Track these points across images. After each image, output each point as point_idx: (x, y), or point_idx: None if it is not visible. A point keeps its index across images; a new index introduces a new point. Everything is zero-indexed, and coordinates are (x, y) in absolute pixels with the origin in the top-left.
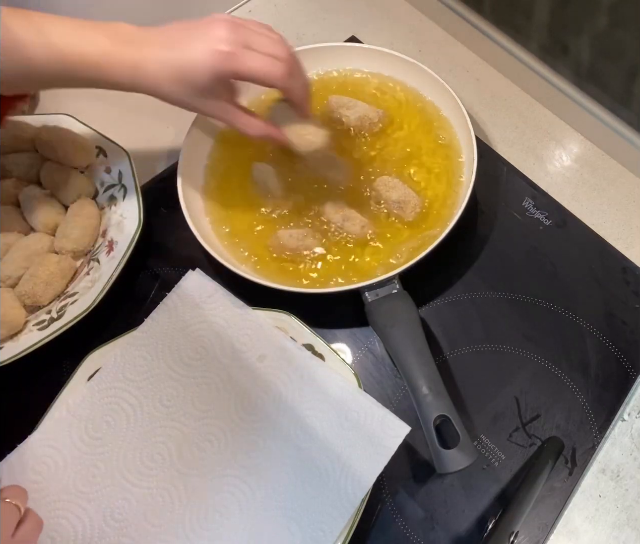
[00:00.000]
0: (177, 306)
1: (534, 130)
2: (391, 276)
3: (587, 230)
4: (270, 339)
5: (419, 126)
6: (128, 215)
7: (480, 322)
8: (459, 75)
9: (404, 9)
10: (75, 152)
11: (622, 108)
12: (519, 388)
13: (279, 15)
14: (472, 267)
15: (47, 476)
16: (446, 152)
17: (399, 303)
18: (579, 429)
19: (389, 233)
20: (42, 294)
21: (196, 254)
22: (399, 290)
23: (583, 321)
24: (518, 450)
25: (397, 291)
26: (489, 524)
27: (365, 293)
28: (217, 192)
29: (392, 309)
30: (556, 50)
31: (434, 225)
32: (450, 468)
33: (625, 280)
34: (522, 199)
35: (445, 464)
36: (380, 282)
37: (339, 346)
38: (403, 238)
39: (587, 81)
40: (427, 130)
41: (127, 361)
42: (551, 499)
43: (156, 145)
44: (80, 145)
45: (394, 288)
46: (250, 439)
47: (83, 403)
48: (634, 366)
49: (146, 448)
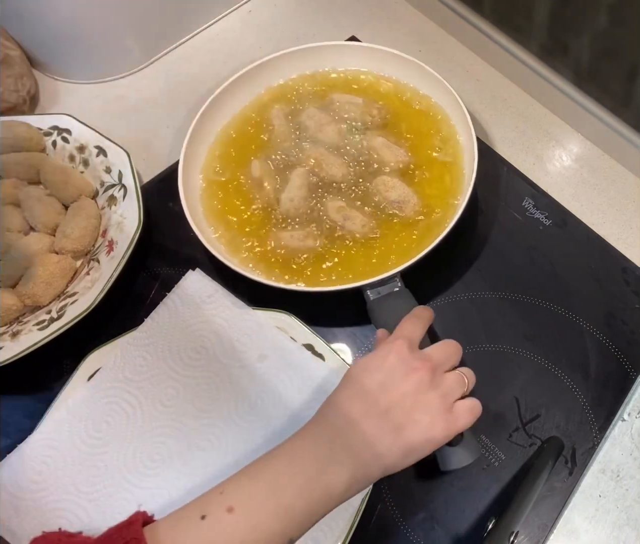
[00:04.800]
0: (177, 306)
1: (534, 130)
2: (393, 275)
3: (587, 230)
4: (270, 339)
5: (420, 125)
6: (128, 215)
7: (480, 322)
8: (459, 75)
9: (404, 9)
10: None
11: (622, 108)
12: (519, 388)
13: (279, 15)
14: (472, 267)
15: (47, 476)
16: (447, 152)
17: (401, 301)
18: (579, 429)
19: (390, 232)
20: (42, 294)
21: (196, 254)
22: (400, 288)
23: (583, 321)
24: (518, 450)
25: (398, 289)
26: (489, 524)
27: (367, 292)
28: (218, 192)
29: (394, 307)
30: (556, 50)
31: (434, 225)
32: (454, 465)
33: (625, 280)
34: (522, 199)
35: (449, 461)
36: (382, 280)
37: (339, 346)
38: (404, 237)
39: (587, 81)
40: (427, 129)
41: (127, 361)
42: (551, 499)
43: (156, 145)
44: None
45: (395, 286)
46: (250, 439)
47: (83, 403)
48: (634, 366)
49: (146, 448)
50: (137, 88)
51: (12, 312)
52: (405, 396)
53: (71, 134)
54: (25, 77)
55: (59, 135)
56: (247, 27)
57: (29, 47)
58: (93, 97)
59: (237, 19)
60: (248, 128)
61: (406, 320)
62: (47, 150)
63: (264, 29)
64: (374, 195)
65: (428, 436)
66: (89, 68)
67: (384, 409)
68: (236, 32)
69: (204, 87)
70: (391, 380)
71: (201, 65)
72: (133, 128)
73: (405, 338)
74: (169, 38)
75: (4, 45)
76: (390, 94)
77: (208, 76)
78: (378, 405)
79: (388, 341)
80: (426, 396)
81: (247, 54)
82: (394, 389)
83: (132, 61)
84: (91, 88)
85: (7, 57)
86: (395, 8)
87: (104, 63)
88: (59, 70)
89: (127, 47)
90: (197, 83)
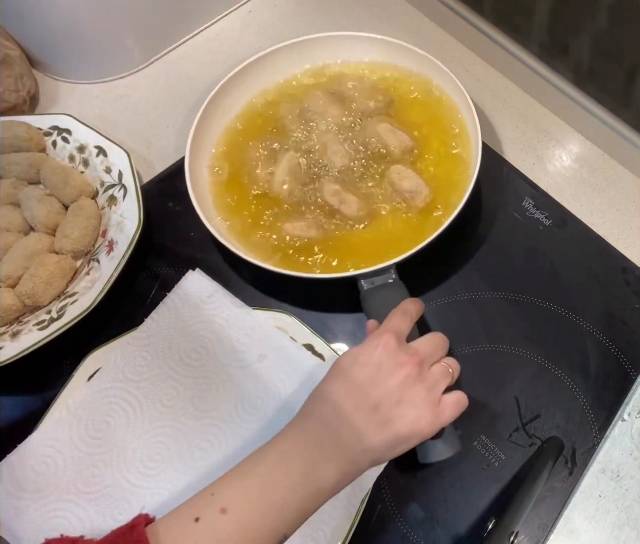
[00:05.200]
0: (177, 306)
1: (534, 130)
2: (388, 266)
3: (587, 229)
4: (270, 339)
5: (426, 117)
6: (128, 215)
7: (480, 322)
8: (459, 75)
9: (404, 9)
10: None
11: (622, 108)
12: (519, 388)
13: (279, 15)
14: (472, 267)
15: (47, 476)
16: (451, 148)
17: (394, 293)
18: (579, 429)
19: (393, 223)
20: (42, 294)
21: (196, 254)
22: (395, 280)
23: (583, 321)
24: (518, 449)
25: (392, 281)
26: (489, 524)
27: (361, 281)
28: (222, 187)
29: (387, 298)
30: (556, 50)
31: (434, 220)
32: (434, 458)
33: (625, 280)
34: (522, 199)
35: (429, 454)
36: (376, 271)
37: (339, 346)
38: (406, 229)
39: (587, 81)
40: (435, 123)
41: (127, 361)
42: (551, 499)
43: (156, 145)
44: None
45: (390, 277)
46: (250, 439)
47: (83, 403)
48: (634, 366)
49: (146, 448)
50: (137, 88)
51: (12, 312)
52: (393, 390)
53: (71, 134)
54: (25, 77)
55: (59, 135)
56: (247, 27)
57: (29, 47)
58: (93, 97)
59: (237, 19)
60: (256, 120)
61: (394, 313)
62: (47, 150)
63: (264, 29)
64: (384, 183)
65: (415, 429)
66: (89, 68)
67: (373, 404)
68: (236, 32)
69: (204, 87)
70: (379, 374)
71: (201, 65)
72: (133, 128)
73: (393, 331)
74: (169, 38)
75: (4, 45)
76: (400, 83)
77: (208, 76)
78: (367, 400)
79: (376, 335)
80: (413, 390)
81: (247, 54)
82: (383, 383)
83: (132, 61)
84: (91, 88)
85: (7, 57)
86: (395, 8)
87: (104, 63)
88: (59, 70)
89: (127, 47)
90: (197, 83)
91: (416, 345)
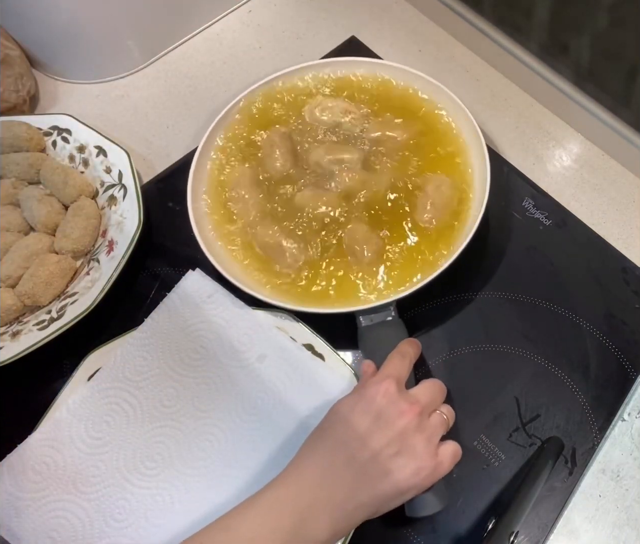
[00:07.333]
0: (177, 306)
1: (534, 130)
2: (387, 303)
3: (587, 230)
4: (270, 339)
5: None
6: (128, 215)
7: (480, 322)
8: (459, 75)
9: (404, 9)
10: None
11: (622, 108)
12: (519, 388)
13: (278, 15)
14: (472, 267)
15: (47, 476)
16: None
17: (392, 332)
18: (579, 429)
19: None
20: (42, 294)
21: (196, 254)
22: (394, 317)
23: (583, 321)
24: (518, 450)
25: (391, 319)
26: (489, 524)
27: (359, 317)
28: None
29: (385, 337)
30: (556, 50)
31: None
32: (423, 512)
33: (625, 280)
34: (522, 199)
35: (416, 507)
36: (375, 308)
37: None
38: (405, 261)
39: (587, 81)
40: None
41: (127, 361)
42: (551, 499)
43: (156, 145)
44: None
45: (389, 314)
46: (250, 439)
47: (83, 403)
48: (634, 366)
49: (146, 448)
50: (137, 88)
51: (12, 312)
52: (393, 440)
53: (71, 134)
54: (25, 77)
55: (59, 135)
56: (247, 27)
57: (29, 47)
58: (93, 97)
59: (237, 19)
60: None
61: (394, 356)
62: (47, 150)
63: (264, 29)
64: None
65: (415, 481)
66: (89, 68)
67: (371, 454)
68: (236, 32)
69: (204, 87)
70: (379, 422)
71: (201, 65)
72: (133, 128)
73: (393, 377)
74: (169, 38)
75: (4, 45)
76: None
77: (208, 76)
78: (365, 451)
79: (375, 381)
80: (413, 440)
81: (247, 54)
82: (382, 433)
83: (132, 61)
84: (91, 88)
85: (7, 57)
86: (395, 8)
87: (104, 63)
88: (59, 70)
89: (127, 47)
90: (197, 83)
91: (416, 393)
